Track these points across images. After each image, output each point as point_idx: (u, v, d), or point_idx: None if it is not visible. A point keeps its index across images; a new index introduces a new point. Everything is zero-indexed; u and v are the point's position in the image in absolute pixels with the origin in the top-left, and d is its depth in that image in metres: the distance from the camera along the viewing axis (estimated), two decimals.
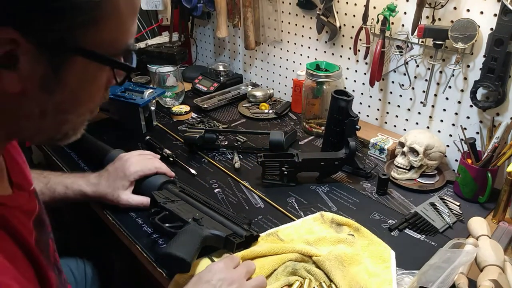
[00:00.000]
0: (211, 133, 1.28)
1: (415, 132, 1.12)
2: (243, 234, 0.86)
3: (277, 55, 1.60)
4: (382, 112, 1.35)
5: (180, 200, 0.96)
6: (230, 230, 0.87)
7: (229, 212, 0.94)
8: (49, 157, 1.28)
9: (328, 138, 1.22)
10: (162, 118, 1.48)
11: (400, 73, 1.25)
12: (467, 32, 1.01)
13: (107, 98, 0.57)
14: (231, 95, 1.61)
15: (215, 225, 0.88)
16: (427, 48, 1.16)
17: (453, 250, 0.78)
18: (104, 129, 1.37)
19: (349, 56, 1.36)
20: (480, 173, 1.01)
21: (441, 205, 1.02)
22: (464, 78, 1.11)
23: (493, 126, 1.07)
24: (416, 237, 0.94)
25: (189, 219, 0.87)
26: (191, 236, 0.82)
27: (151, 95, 1.35)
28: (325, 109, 1.29)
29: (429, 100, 1.20)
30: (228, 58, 1.83)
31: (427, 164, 1.11)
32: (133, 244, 0.93)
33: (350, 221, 0.94)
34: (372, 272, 0.83)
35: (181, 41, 1.75)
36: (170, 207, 0.91)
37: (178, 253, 0.76)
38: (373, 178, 1.14)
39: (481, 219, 0.88)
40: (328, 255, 0.83)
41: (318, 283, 0.80)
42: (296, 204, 1.04)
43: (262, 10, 1.55)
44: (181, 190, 0.99)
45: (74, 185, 0.96)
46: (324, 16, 1.32)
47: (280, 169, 1.09)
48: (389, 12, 1.13)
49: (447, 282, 0.72)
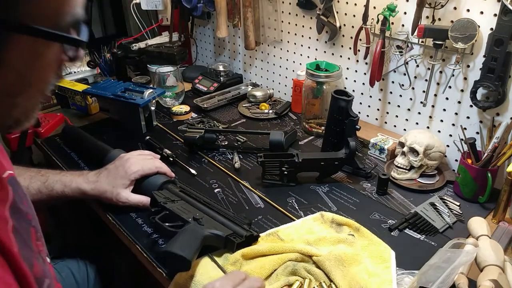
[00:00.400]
0: (211, 133, 1.28)
1: (415, 132, 1.12)
2: (244, 234, 0.86)
3: (277, 55, 1.60)
4: (382, 112, 1.35)
5: (180, 200, 0.96)
6: (230, 230, 0.87)
7: (229, 212, 0.94)
8: (49, 157, 1.28)
9: (328, 138, 1.22)
10: (162, 118, 1.48)
11: (400, 73, 1.25)
12: (467, 32, 1.01)
13: (62, 77, 0.53)
14: (231, 95, 1.61)
15: (216, 225, 0.88)
16: (427, 48, 1.16)
17: (453, 250, 0.78)
18: (104, 129, 1.37)
19: (349, 56, 1.36)
20: (480, 173, 1.01)
21: (441, 205, 1.02)
22: (464, 78, 1.11)
23: (493, 126, 1.07)
24: (416, 237, 0.94)
25: (190, 218, 0.87)
26: (192, 235, 0.82)
27: (151, 95, 1.35)
28: (325, 109, 1.29)
29: (429, 100, 1.20)
30: (228, 58, 1.83)
31: (427, 164, 1.11)
32: (133, 244, 0.93)
33: (350, 221, 0.94)
34: (372, 272, 0.83)
35: (181, 41, 1.75)
36: (171, 207, 0.91)
37: (178, 252, 0.76)
38: (373, 178, 1.14)
39: (481, 219, 0.88)
40: (328, 255, 0.83)
41: (318, 283, 0.80)
42: (296, 204, 1.04)
43: (262, 10, 1.55)
44: (181, 190, 0.99)
45: (72, 183, 0.96)
46: (324, 16, 1.32)
47: (280, 169, 1.09)
48: (389, 12, 1.13)
49: (447, 282, 0.72)
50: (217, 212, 0.92)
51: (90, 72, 1.73)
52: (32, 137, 1.36)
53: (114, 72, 1.69)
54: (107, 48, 1.75)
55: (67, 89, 1.50)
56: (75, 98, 1.50)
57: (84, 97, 1.48)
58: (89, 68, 1.73)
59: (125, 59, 1.69)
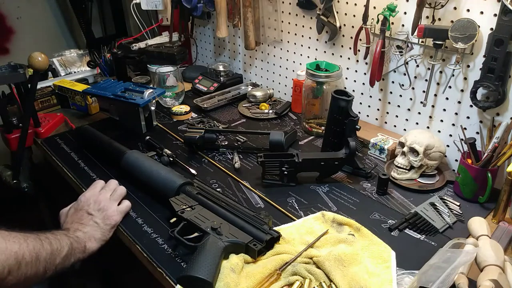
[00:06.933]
0: (211, 133, 1.28)
1: (415, 132, 1.12)
2: (264, 239, 0.85)
3: (277, 55, 1.60)
4: (382, 112, 1.35)
5: (197, 204, 0.95)
6: (250, 235, 0.86)
7: (249, 212, 0.92)
8: (49, 157, 1.28)
9: (328, 138, 1.22)
10: (162, 118, 1.48)
11: (400, 73, 1.25)
12: (467, 32, 1.01)
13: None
14: (231, 95, 1.61)
15: (235, 232, 0.87)
16: (427, 48, 1.16)
17: (453, 250, 0.78)
18: (104, 129, 1.37)
19: (349, 56, 1.36)
20: (480, 173, 1.01)
21: (441, 205, 1.02)
22: (464, 78, 1.11)
23: (493, 126, 1.07)
24: (416, 237, 0.94)
25: (208, 228, 0.87)
26: (211, 252, 0.81)
27: (151, 95, 1.35)
28: (325, 109, 1.29)
29: (429, 100, 1.20)
30: (228, 58, 1.83)
31: (427, 164, 1.11)
32: (133, 244, 0.93)
33: (351, 221, 0.94)
34: (372, 272, 0.83)
35: (181, 41, 1.75)
36: (188, 216, 0.91)
37: (200, 275, 0.76)
38: (373, 178, 1.14)
39: (481, 219, 0.88)
40: (328, 255, 0.82)
41: (318, 283, 0.80)
42: (296, 204, 1.04)
43: (262, 10, 1.55)
44: (198, 192, 0.98)
45: (83, 251, 0.90)
46: (324, 16, 1.32)
47: (280, 169, 1.09)
48: (389, 12, 1.13)
49: (447, 282, 0.72)
50: (236, 215, 0.91)
51: (90, 72, 1.73)
52: (32, 137, 1.37)
53: (114, 72, 1.69)
54: (107, 48, 1.75)
55: (67, 89, 1.50)
56: (75, 98, 1.50)
57: (84, 97, 1.48)
58: (89, 68, 1.74)
59: (125, 59, 1.69)
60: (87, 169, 1.19)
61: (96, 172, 1.17)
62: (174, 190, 0.99)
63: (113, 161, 1.15)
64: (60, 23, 2.17)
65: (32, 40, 2.07)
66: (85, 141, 1.28)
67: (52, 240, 0.83)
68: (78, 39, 2.23)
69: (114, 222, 0.96)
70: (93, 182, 1.05)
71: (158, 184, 1.03)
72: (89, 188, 1.02)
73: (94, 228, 0.93)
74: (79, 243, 0.88)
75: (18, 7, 2.01)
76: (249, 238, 0.86)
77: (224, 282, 0.78)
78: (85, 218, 0.94)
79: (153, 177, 1.04)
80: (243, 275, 0.81)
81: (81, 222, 0.93)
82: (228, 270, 0.80)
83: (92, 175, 1.16)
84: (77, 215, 0.95)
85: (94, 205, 0.97)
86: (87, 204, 0.97)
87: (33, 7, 2.05)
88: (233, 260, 0.82)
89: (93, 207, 0.96)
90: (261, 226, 0.88)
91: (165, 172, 1.04)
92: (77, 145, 1.30)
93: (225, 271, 0.79)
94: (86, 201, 0.98)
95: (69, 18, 2.18)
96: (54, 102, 1.56)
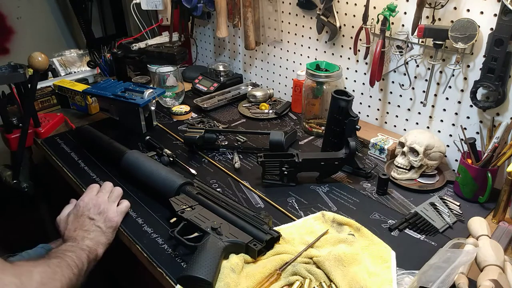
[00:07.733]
0: (211, 133, 1.28)
1: (415, 132, 1.12)
2: (264, 239, 0.85)
3: (277, 55, 1.60)
4: (382, 112, 1.35)
5: (197, 204, 0.95)
6: (250, 235, 0.87)
7: (249, 212, 0.92)
8: (49, 157, 1.28)
9: (328, 138, 1.22)
10: (162, 118, 1.48)
11: (400, 73, 1.25)
12: (467, 32, 1.01)
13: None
14: (231, 95, 1.61)
15: (235, 232, 0.87)
16: (427, 48, 1.16)
17: (453, 250, 0.78)
18: (104, 129, 1.37)
19: (349, 56, 1.36)
20: (480, 173, 1.01)
21: (441, 205, 1.02)
22: (464, 78, 1.11)
23: (493, 126, 1.07)
24: (416, 237, 0.94)
25: (208, 228, 0.87)
26: (211, 252, 0.81)
27: (151, 95, 1.35)
28: (325, 109, 1.29)
29: (429, 100, 1.20)
30: (228, 58, 1.83)
31: (427, 164, 1.11)
32: (133, 244, 0.93)
33: (351, 221, 0.94)
34: (372, 272, 0.83)
35: (181, 41, 1.75)
36: (188, 216, 0.91)
37: (200, 275, 0.76)
38: (373, 178, 1.14)
39: (481, 219, 0.88)
40: (328, 255, 0.82)
41: (318, 283, 0.80)
42: (296, 204, 1.04)
43: (262, 10, 1.55)
44: (198, 192, 0.98)
45: (94, 252, 0.90)
46: (324, 16, 1.33)
47: (280, 169, 1.09)
48: (389, 12, 1.13)
49: (447, 282, 0.72)
50: (236, 215, 0.91)
51: (90, 72, 1.73)
52: (32, 137, 1.37)
53: (114, 72, 1.69)
54: (107, 48, 1.75)
55: (67, 89, 1.50)
56: (75, 98, 1.50)
57: (84, 97, 1.48)
58: (89, 68, 1.74)
59: (125, 59, 1.68)
60: (87, 169, 1.19)
61: (96, 172, 1.17)
62: (174, 190, 0.99)
63: (113, 161, 1.15)
64: (60, 23, 2.17)
65: (32, 40, 2.07)
66: (85, 141, 1.28)
67: (76, 261, 0.83)
68: (78, 39, 2.24)
69: (115, 224, 0.96)
70: (93, 182, 1.05)
71: (158, 184, 1.03)
72: (86, 193, 1.01)
73: (98, 233, 0.93)
74: (92, 253, 0.88)
75: (18, 7, 2.01)
76: (249, 238, 0.86)
77: (224, 282, 0.78)
78: (88, 224, 0.94)
79: (153, 177, 1.04)
80: (243, 275, 0.81)
81: (85, 229, 0.93)
82: (228, 270, 0.80)
83: (92, 175, 1.16)
84: (79, 221, 0.95)
85: (94, 209, 0.96)
86: (87, 209, 0.96)
87: (33, 7, 2.05)
88: (233, 260, 0.82)
89: (93, 211, 0.95)
90: (261, 226, 0.88)
91: (165, 172, 1.04)
92: (77, 145, 1.30)
93: (225, 271, 0.79)
94: (85, 205, 0.97)
95: (69, 18, 2.18)
96: (54, 102, 1.56)
